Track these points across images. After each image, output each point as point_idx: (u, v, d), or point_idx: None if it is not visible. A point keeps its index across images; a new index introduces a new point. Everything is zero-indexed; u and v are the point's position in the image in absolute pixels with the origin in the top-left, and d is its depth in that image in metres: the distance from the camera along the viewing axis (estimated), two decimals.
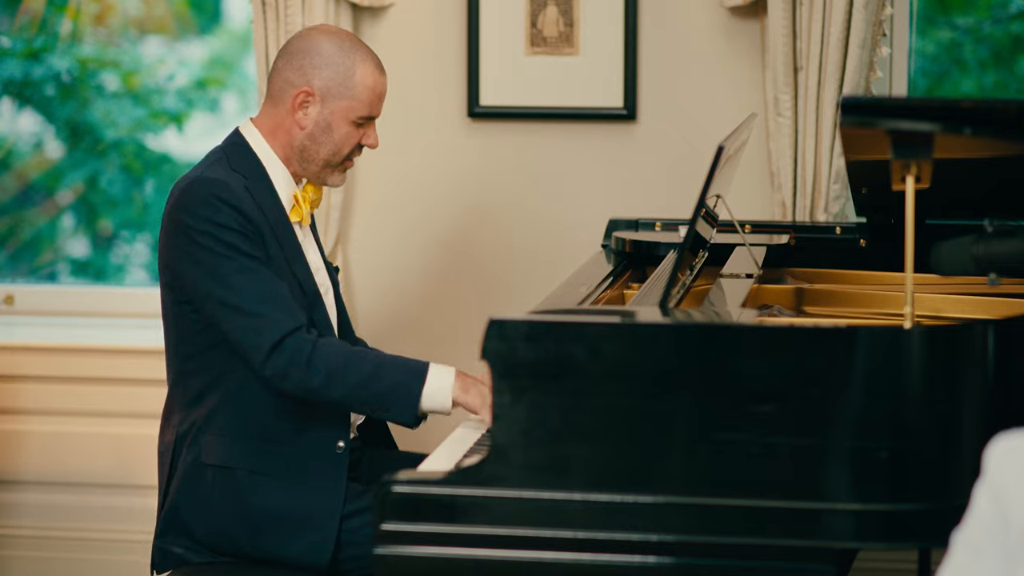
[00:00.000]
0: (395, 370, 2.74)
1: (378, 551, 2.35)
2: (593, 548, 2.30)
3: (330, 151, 2.84)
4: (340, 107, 2.82)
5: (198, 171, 2.81)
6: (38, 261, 4.57)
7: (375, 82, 2.84)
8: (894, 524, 2.27)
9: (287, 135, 2.84)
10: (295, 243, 2.84)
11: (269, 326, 2.69)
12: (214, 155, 2.86)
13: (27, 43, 4.42)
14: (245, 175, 2.80)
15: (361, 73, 2.82)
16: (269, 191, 2.82)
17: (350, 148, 2.86)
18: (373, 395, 2.71)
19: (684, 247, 2.58)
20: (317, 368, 2.69)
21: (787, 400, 2.26)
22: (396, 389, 2.72)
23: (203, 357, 2.80)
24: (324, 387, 2.70)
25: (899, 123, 2.38)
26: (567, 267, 3.71)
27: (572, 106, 3.87)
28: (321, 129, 2.83)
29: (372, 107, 2.85)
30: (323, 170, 2.86)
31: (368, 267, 3.98)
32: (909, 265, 2.39)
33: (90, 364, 4.07)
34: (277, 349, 2.68)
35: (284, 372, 2.69)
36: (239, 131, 2.88)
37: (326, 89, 2.81)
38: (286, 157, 2.86)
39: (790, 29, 3.66)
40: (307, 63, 2.81)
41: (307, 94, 2.81)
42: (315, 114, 2.82)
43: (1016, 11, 4.26)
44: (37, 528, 4.13)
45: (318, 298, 2.86)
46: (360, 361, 2.72)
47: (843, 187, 3.67)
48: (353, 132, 2.85)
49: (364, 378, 2.71)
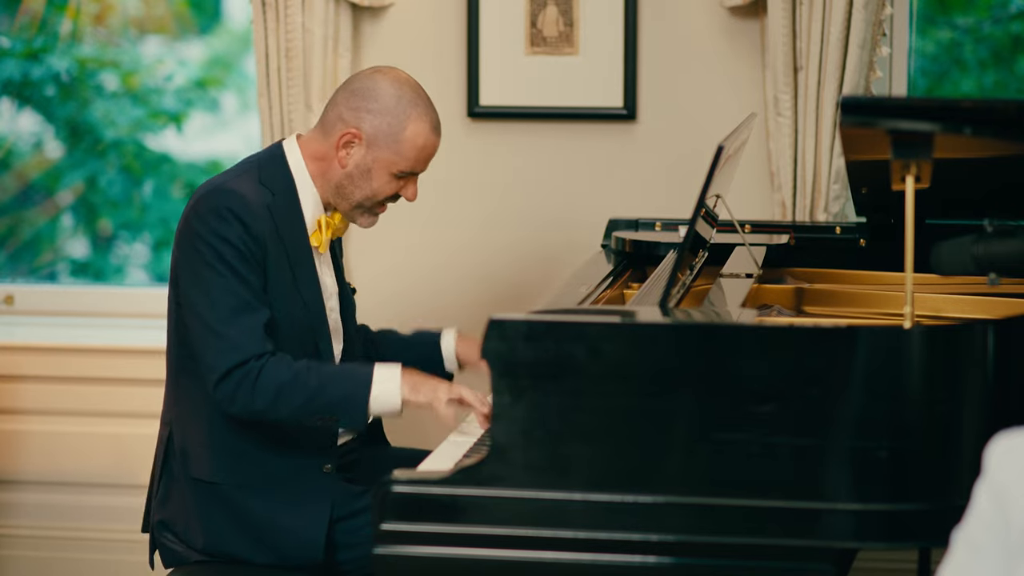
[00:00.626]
0: (341, 382, 2.73)
1: (378, 551, 2.35)
2: (593, 548, 2.30)
3: (365, 195, 2.82)
4: (383, 157, 2.79)
5: (224, 178, 2.80)
6: (38, 261, 4.57)
7: (425, 142, 2.80)
8: (894, 524, 2.27)
9: (328, 167, 2.82)
10: (310, 267, 2.83)
11: (229, 350, 2.69)
12: (247, 164, 2.85)
13: (27, 43, 4.42)
14: (273, 190, 2.79)
15: (412, 131, 2.78)
16: (295, 210, 2.81)
17: (385, 196, 2.83)
18: (321, 407, 2.72)
19: (684, 247, 2.58)
20: (263, 390, 2.69)
21: (787, 400, 2.26)
22: (344, 401, 2.72)
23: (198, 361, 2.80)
24: (270, 408, 2.70)
25: (899, 123, 2.38)
26: (567, 267, 3.71)
27: (572, 106, 3.87)
28: (360, 173, 2.80)
29: (416, 164, 2.82)
30: (354, 211, 2.85)
31: (367, 267, 3.98)
32: (909, 265, 2.39)
33: (89, 364, 4.07)
34: (229, 375, 2.69)
35: (232, 397, 2.70)
36: (281, 145, 2.86)
37: (374, 136, 2.78)
38: (323, 186, 2.83)
39: (790, 29, 3.66)
40: (363, 105, 2.78)
41: (354, 136, 2.78)
42: (358, 157, 2.79)
43: (1016, 11, 4.26)
44: (36, 528, 4.13)
45: (324, 326, 2.85)
46: (306, 378, 2.71)
47: (843, 187, 3.66)
48: (391, 183, 2.81)
49: (310, 394, 2.70)
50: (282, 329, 2.77)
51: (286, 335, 2.77)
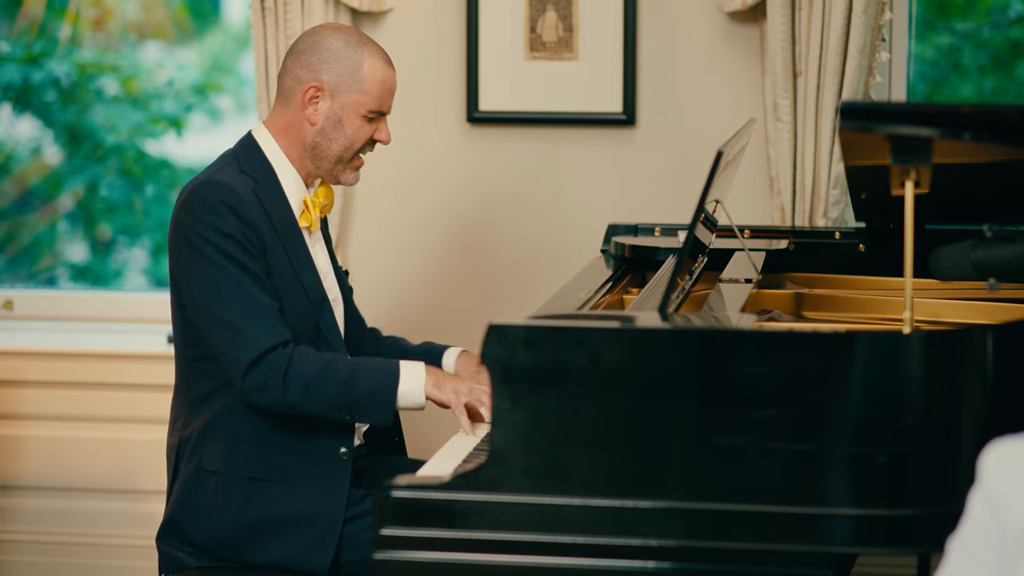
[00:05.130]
0: (368, 375, 2.75)
1: (378, 556, 2.35)
2: (592, 553, 2.30)
3: (342, 146, 2.84)
4: (350, 101, 2.82)
5: (207, 173, 2.81)
6: (37, 266, 4.57)
7: (384, 76, 2.85)
8: (893, 529, 2.27)
9: (298, 133, 2.84)
10: (303, 249, 2.84)
11: (250, 342, 2.70)
12: (225, 158, 2.86)
13: (26, 48, 4.42)
14: (255, 178, 2.81)
15: (369, 67, 2.82)
16: (278, 195, 2.83)
17: (361, 143, 2.85)
18: (349, 402, 2.73)
19: (683, 252, 2.58)
20: (293, 382, 2.70)
21: (786, 405, 2.26)
22: (372, 394, 2.74)
23: (209, 361, 2.79)
24: (300, 401, 2.71)
25: (898, 128, 2.38)
26: (566, 272, 3.71)
27: (571, 111, 3.87)
28: (332, 124, 2.83)
29: (382, 101, 2.85)
30: (336, 167, 2.86)
31: (367, 272, 3.98)
32: (908, 270, 2.39)
33: (89, 369, 4.07)
34: (256, 366, 2.69)
35: (261, 388, 2.70)
36: (251, 134, 2.88)
37: (335, 84, 2.81)
38: (298, 157, 2.85)
39: (789, 34, 3.67)
40: (315, 59, 2.82)
41: (316, 89, 2.81)
42: (325, 109, 2.82)
43: (1015, 16, 4.26)
44: (37, 533, 4.13)
45: (325, 304, 2.86)
46: (335, 371, 2.72)
47: (842, 192, 3.67)
48: (364, 126, 2.84)
49: (340, 388, 2.72)
50: (285, 312, 2.77)
51: (289, 318, 2.78)
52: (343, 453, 2.80)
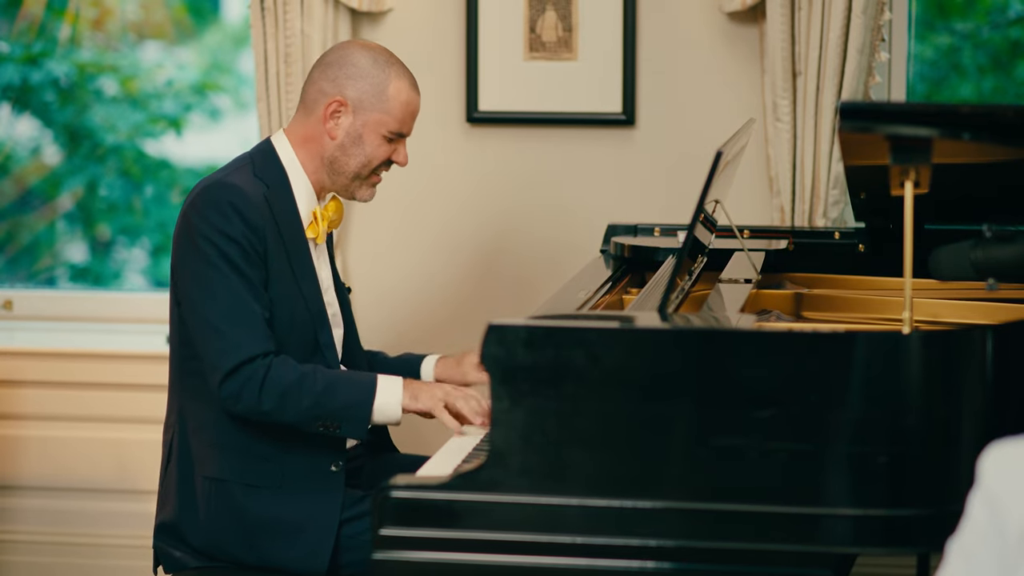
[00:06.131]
0: (345, 388, 2.74)
1: (377, 556, 2.35)
2: (591, 553, 2.29)
3: (359, 163, 2.83)
4: (372, 119, 2.81)
5: (220, 174, 2.81)
6: (37, 266, 4.57)
7: (409, 98, 2.84)
8: (893, 529, 2.27)
9: (318, 145, 2.84)
10: (307, 259, 2.84)
11: (232, 348, 2.69)
12: (240, 160, 2.86)
13: (26, 48, 4.42)
14: (268, 183, 2.80)
15: (395, 88, 2.82)
16: (289, 203, 2.82)
17: (379, 162, 2.85)
18: (324, 414, 2.72)
19: (683, 252, 2.58)
20: (269, 392, 2.69)
21: (786, 405, 2.26)
22: (347, 407, 2.73)
23: (200, 359, 2.79)
24: (276, 410, 2.71)
25: (898, 128, 2.38)
26: (566, 272, 3.71)
27: (571, 111, 3.87)
28: (352, 140, 2.82)
29: (403, 123, 2.85)
30: (352, 183, 2.86)
31: (366, 272, 3.98)
32: (908, 270, 2.39)
33: (89, 369, 4.07)
34: (234, 373, 2.69)
35: (237, 395, 2.70)
36: (269, 140, 2.88)
37: (359, 100, 2.81)
38: (315, 169, 2.85)
39: (789, 34, 3.66)
40: (341, 73, 2.81)
41: (340, 104, 2.80)
42: (347, 125, 2.81)
43: (1015, 16, 4.26)
44: (36, 533, 4.13)
45: (324, 318, 2.85)
46: (312, 382, 2.71)
47: (842, 192, 3.67)
48: (383, 146, 2.84)
49: (315, 399, 2.71)
50: (282, 322, 2.77)
51: (285, 328, 2.78)
52: (334, 470, 2.80)
